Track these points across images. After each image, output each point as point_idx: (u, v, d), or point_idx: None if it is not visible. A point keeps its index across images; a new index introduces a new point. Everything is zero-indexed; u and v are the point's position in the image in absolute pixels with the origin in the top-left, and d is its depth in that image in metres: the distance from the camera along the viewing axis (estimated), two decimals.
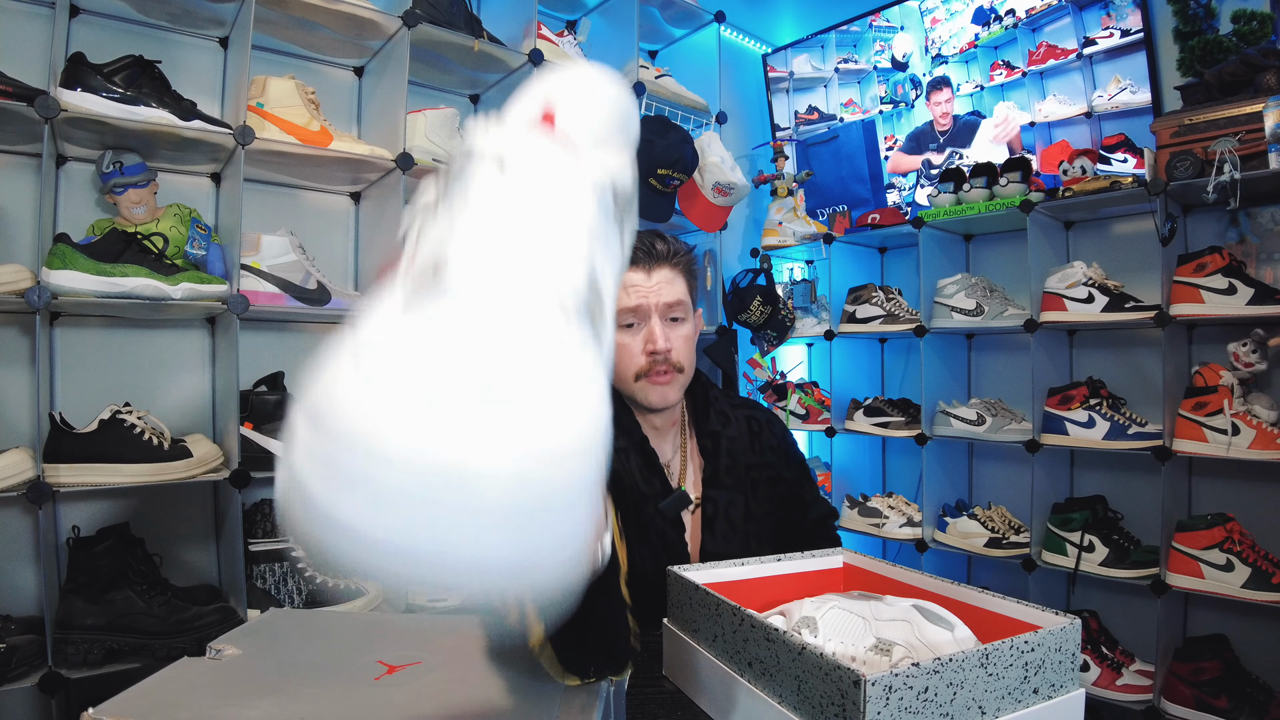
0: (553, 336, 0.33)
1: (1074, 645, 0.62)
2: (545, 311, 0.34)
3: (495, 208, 0.37)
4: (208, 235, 1.61)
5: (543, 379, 0.30)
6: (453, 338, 0.31)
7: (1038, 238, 2.08)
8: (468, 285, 0.34)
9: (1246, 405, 1.74)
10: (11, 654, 1.31)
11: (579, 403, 0.31)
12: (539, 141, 0.40)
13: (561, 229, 0.38)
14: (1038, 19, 2.28)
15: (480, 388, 0.29)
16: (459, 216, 0.37)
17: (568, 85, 0.43)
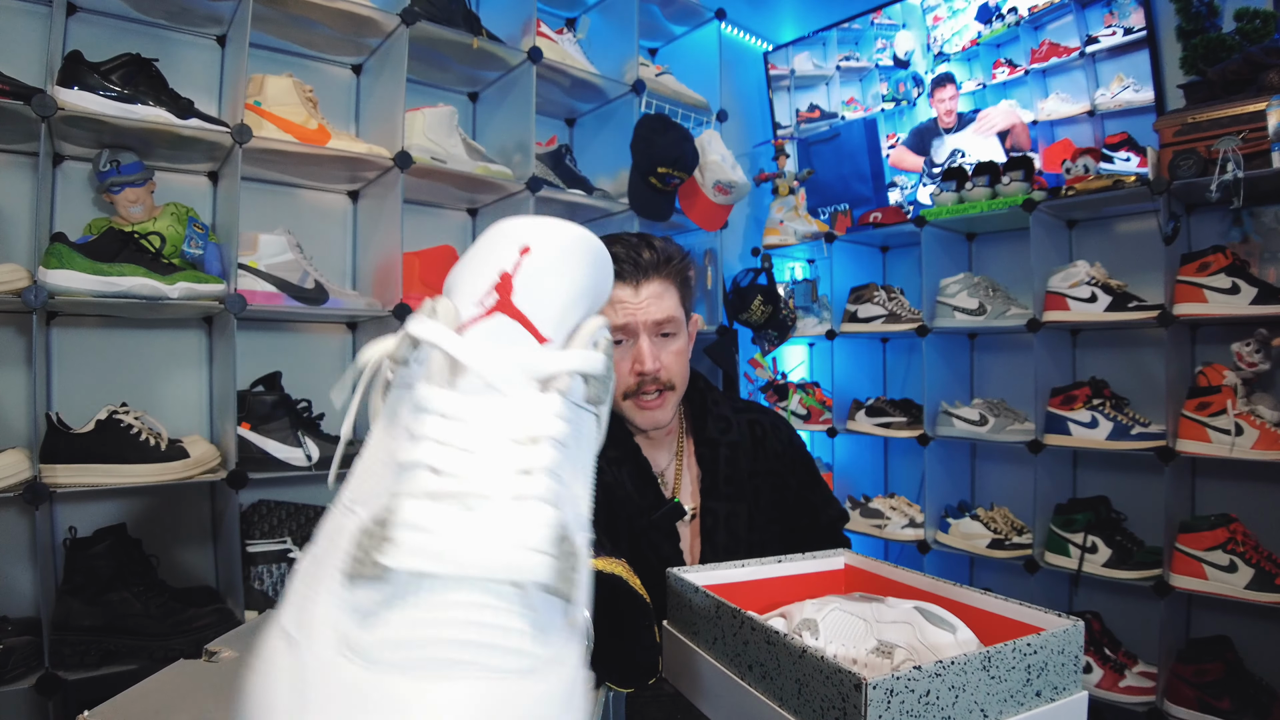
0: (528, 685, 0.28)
1: (1077, 647, 0.61)
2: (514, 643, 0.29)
3: (452, 444, 0.32)
4: (205, 234, 1.60)
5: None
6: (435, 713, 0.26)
7: (1040, 237, 2.07)
8: (421, 586, 0.28)
9: (1250, 405, 1.73)
10: (8, 655, 1.31)
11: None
12: (495, 326, 0.34)
13: (528, 471, 0.32)
14: (1040, 17, 2.27)
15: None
16: (407, 451, 0.32)
17: (529, 243, 0.36)
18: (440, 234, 2.13)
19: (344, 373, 1.61)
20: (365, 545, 0.29)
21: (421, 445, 0.32)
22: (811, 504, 1.23)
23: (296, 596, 0.31)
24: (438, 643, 0.27)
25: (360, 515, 0.32)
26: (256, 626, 0.81)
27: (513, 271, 0.35)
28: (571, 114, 2.45)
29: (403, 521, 0.29)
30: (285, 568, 1.60)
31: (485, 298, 0.35)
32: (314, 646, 0.27)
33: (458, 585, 0.28)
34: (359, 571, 0.28)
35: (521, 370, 0.33)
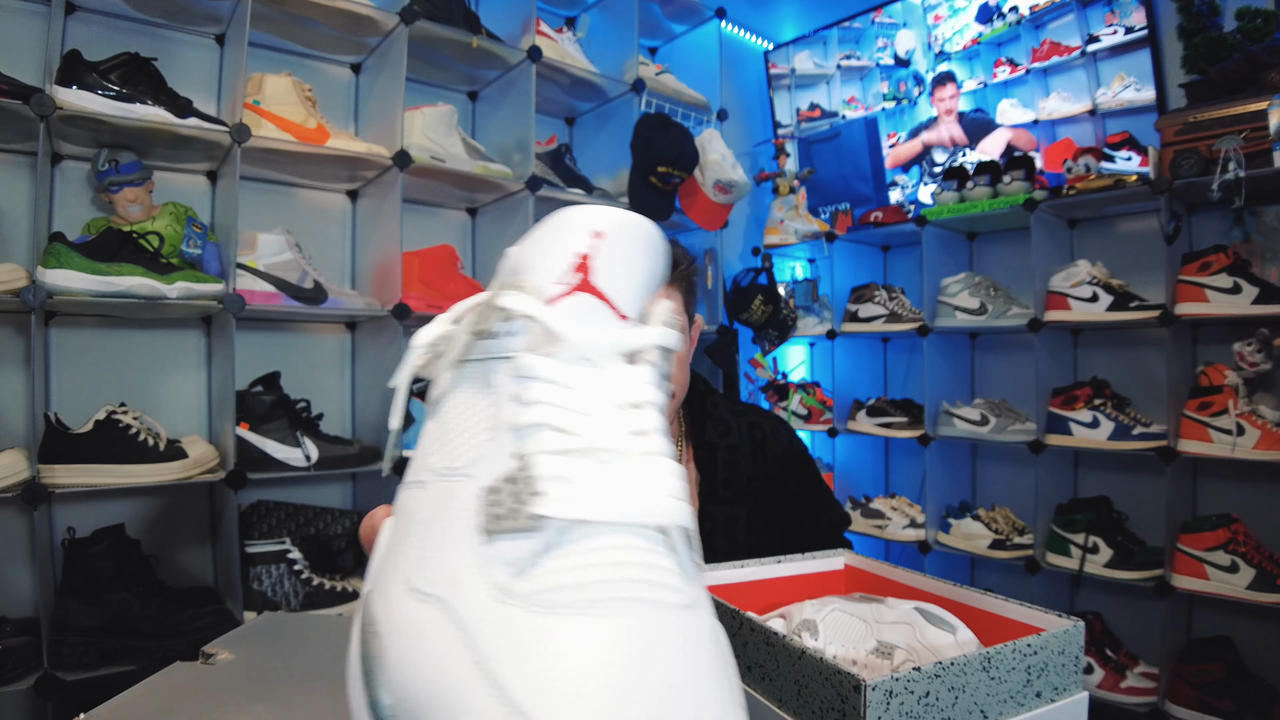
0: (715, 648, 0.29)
1: (1078, 648, 0.60)
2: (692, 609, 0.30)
3: (567, 407, 0.33)
4: (204, 234, 1.60)
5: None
6: (615, 642, 0.26)
7: (1041, 236, 2.06)
8: (574, 532, 0.29)
9: (1251, 405, 1.73)
10: (7, 656, 1.30)
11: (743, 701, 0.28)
12: (580, 304, 0.36)
13: (644, 432, 0.34)
14: (1041, 16, 2.27)
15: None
16: (522, 414, 0.33)
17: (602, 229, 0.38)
18: (439, 233, 2.13)
19: (356, 368, 1.57)
20: (503, 501, 0.30)
21: (536, 409, 0.33)
22: (813, 507, 1.21)
23: (412, 563, 0.31)
24: (600, 583, 0.28)
25: (478, 478, 0.32)
26: (253, 629, 0.81)
27: (590, 254, 0.37)
28: (571, 113, 2.44)
29: (546, 475, 0.30)
30: (284, 568, 1.60)
31: (566, 277, 0.36)
32: (470, 600, 0.28)
33: (609, 530, 0.30)
34: (501, 526, 0.29)
35: (612, 344, 0.35)
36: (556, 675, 0.25)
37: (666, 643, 0.27)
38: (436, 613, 0.28)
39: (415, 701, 0.26)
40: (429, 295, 1.81)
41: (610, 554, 0.29)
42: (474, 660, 0.26)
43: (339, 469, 1.67)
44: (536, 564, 0.29)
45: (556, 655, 0.26)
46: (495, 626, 0.27)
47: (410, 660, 0.27)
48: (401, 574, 0.31)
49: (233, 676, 0.67)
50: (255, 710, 0.60)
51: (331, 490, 1.90)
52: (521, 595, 0.28)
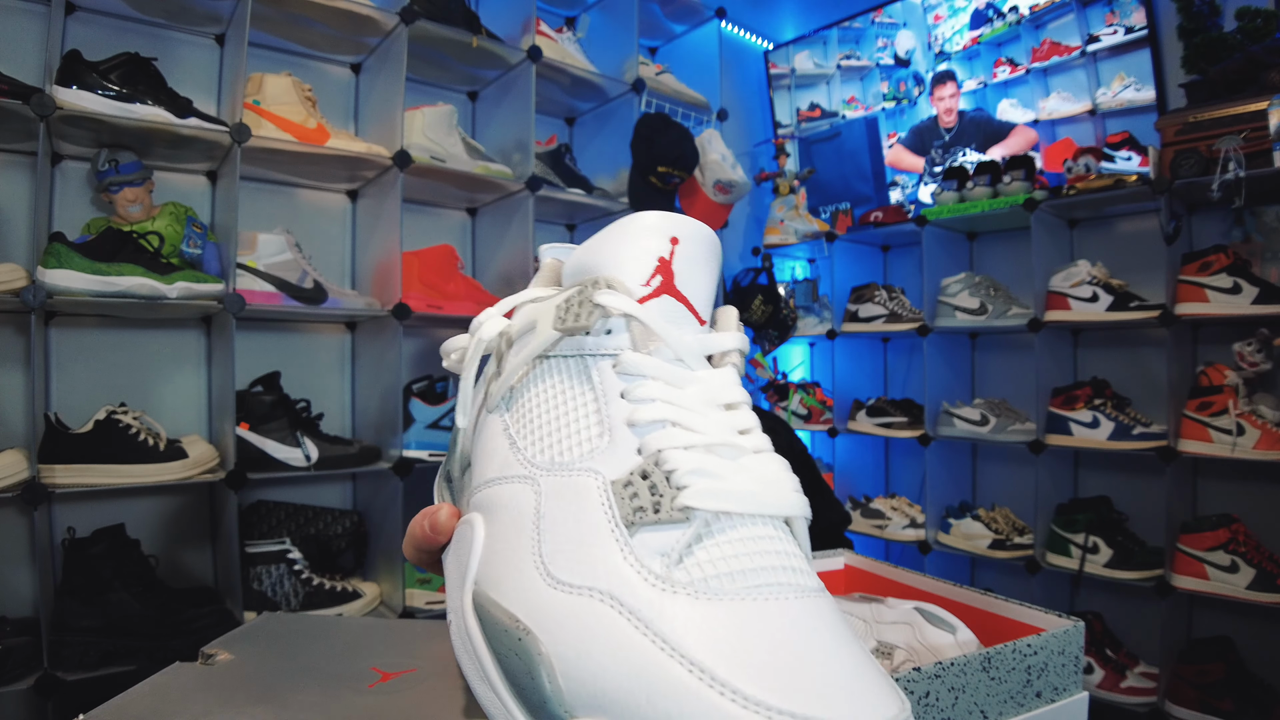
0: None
1: (1078, 648, 0.60)
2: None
3: (678, 404, 0.34)
4: (203, 234, 1.60)
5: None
6: (787, 623, 0.28)
7: (1042, 236, 2.06)
8: (718, 523, 0.31)
9: (1252, 405, 1.73)
10: (7, 656, 1.30)
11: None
12: (666, 307, 0.37)
13: (748, 430, 0.35)
14: (1041, 15, 2.27)
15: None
16: (638, 411, 0.34)
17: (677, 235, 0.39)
18: (439, 233, 2.13)
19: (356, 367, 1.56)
20: (641, 495, 0.31)
21: (654, 406, 0.34)
22: (813, 508, 1.21)
23: (538, 557, 0.31)
24: (750, 571, 0.29)
25: (602, 473, 0.33)
26: (253, 629, 0.80)
27: (669, 259, 0.38)
28: (571, 113, 2.44)
29: (686, 469, 0.31)
30: (284, 568, 1.60)
31: (650, 279, 0.37)
32: (635, 589, 0.29)
33: (750, 522, 0.31)
34: (645, 519, 0.30)
35: (701, 346, 0.37)
36: (749, 654, 0.26)
37: (820, 622, 0.28)
38: (600, 604, 0.28)
39: (608, 695, 0.26)
40: (429, 295, 1.81)
41: (752, 544, 0.30)
42: (663, 647, 0.26)
43: (339, 469, 1.67)
44: (690, 554, 0.30)
45: (741, 637, 0.27)
46: (670, 613, 0.27)
47: (591, 653, 0.27)
48: (531, 569, 0.31)
49: (232, 677, 0.67)
50: (255, 711, 0.60)
51: (331, 490, 1.90)
52: (684, 584, 0.28)
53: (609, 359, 0.36)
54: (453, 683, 0.66)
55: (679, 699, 0.25)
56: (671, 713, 0.24)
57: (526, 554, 0.32)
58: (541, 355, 0.38)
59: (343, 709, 0.60)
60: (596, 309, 0.36)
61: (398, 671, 0.67)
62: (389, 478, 1.73)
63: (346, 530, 1.76)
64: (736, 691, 0.24)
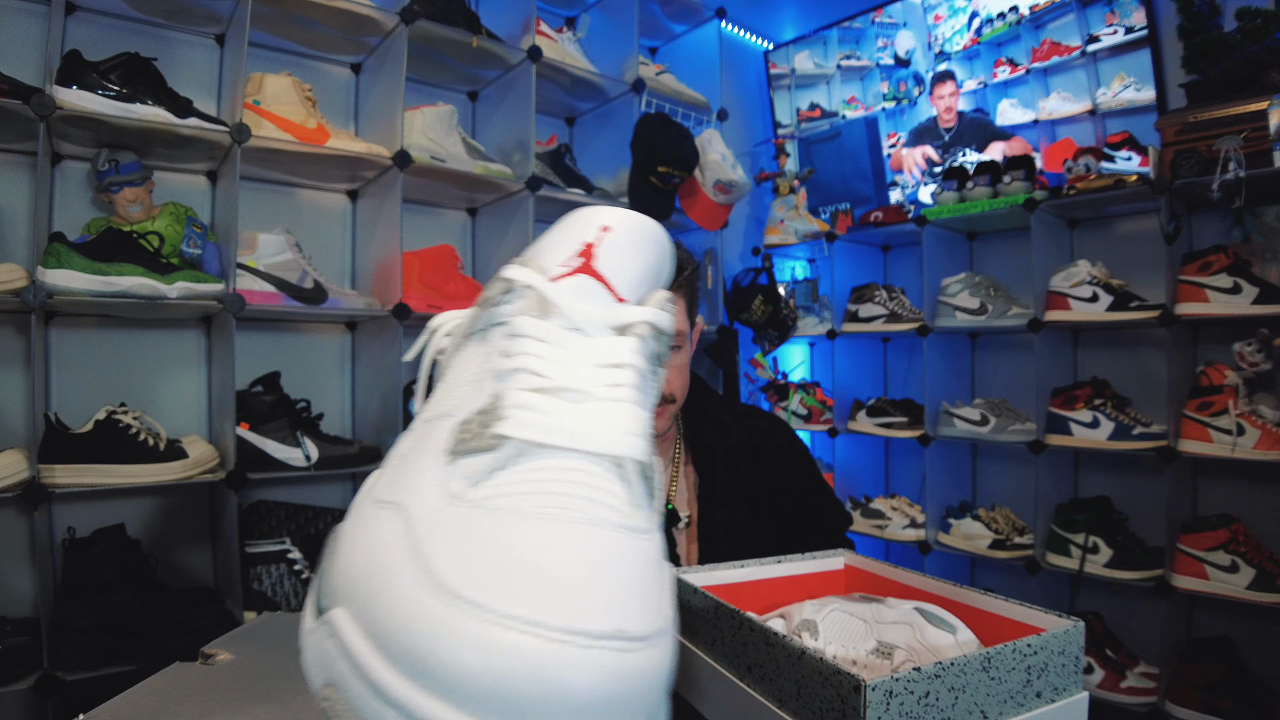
0: (644, 544, 0.31)
1: (1078, 648, 0.60)
2: (628, 510, 0.31)
3: (548, 358, 0.36)
4: (204, 234, 1.60)
5: (646, 600, 0.28)
6: (545, 543, 0.28)
7: (1042, 236, 2.06)
8: (532, 453, 0.32)
9: (1252, 405, 1.72)
10: (7, 656, 1.30)
11: (667, 625, 0.29)
12: (580, 283, 0.39)
13: (617, 384, 0.36)
14: (1041, 15, 2.27)
15: (584, 611, 0.25)
16: (505, 362, 0.36)
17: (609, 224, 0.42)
18: (440, 233, 2.13)
19: (356, 367, 1.58)
20: (473, 427, 0.33)
21: (520, 358, 0.36)
22: (814, 509, 1.20)
23: (383, 483, 0.33)
24: (546, 495, 0.30)
25: (456, 415, 0.35)
26: (252, 629, 0.81)
27: (595, 243, 0.41)
28: (571, 113, 2.44)
29: (514, 403, 0.33)
30: (284, 568, 1.60)
31: (570, 260, 0.40)
32: (422, 503, 0.30)
33: (566, 455, 0.32)
34: (466, 447, 0.32)
35: (604, 316, 0.38)
36: (479, 558, 0.26)
37: (593, 551, 0.28)
38: (390, 514, 0.30)
39: (350, 583, 0.28)
40: (429, 295, 1.81)
41: (562, 474, 0.31)
42: (408, 545, 0.28)
43: (339, 469, 1.67)
44: (491, 477, 0.31)
45: (483, 542, 0.27)
46: (435, 520, 0.29)
47: (356, 551, 0.29)
48: (370, 493, 0.33)
49: (232, 677, 0.67)
50: (255, 711, 0.60)
51: (331, 490, 1.90)
52: (470, 500, 0.30)
53: (504, 325, 0.38)
54: None
55: (397, 590, 0.26)
56: (386, 604, 0.26)
57: (374, 482, 0.34)
58: (468, 333, 0.41)
59: None
60: (501, 282, 0.39)
61: None
62: None
63: None
64: (446, 587, 0.25)
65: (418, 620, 0.25)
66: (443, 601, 0.25)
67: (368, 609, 0.26)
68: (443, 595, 0.25)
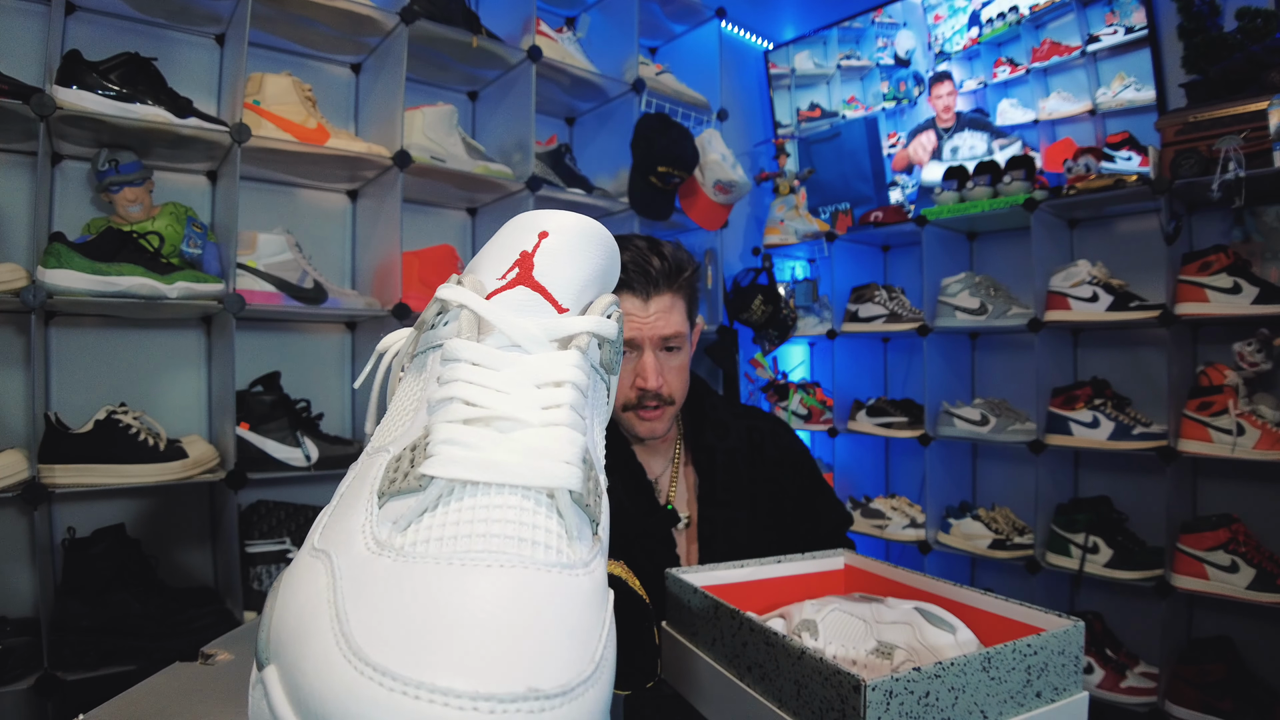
0: (581, 597, 0.29)
1: (1078, 648, 0.60)
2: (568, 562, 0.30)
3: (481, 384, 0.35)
4: (203, 234, 1.60)
5: (576, 657, 0.27)
6: (463, 596, 0.27)
7: (1042, 236, 2.06)
8: (459, 492, 0.31)
9: (1252, 405, 1.72)
10: (7, 656, 1.30)
11: (592, 668, 0.27)
12: (518, 297, 0.38)
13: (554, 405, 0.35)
14: (1041, 15, 2.27)
15: (516, 676, 0.25)
16: (438, 390, 0.35)
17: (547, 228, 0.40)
18: (440, 233, 2.13)
19: (356, 367, 1.58)
20: (401, 466, 0.32)
21: (453, 385, 0.35)
22: (815, 509, 1.20)
23: (322, 527, 0.33)
24: (474, 537, 0.29)
25: (391, 450, 0.34)
26: (252, 629, 0.80)
27: (532, 251, 0.39)
28: (571, 113, 2.44)
29: (441, 439, 0.32)
30: (284, 568, 1.60)
31: (508, 273, 0.39)
32: (348, 552, 0.30)
33: (494, 491, 0.31)
34: (393, 489, 0.31)
35: (543, 330, 0.37)
36: (394, 618, 0.26)
37: (514, 600, 0.27)
38: (320, 563, 0.30)
39: (280, 640, 0.28)
40: (429, 295, 1.80)
41: (491, 512, 0.30)
42: (330, 601, 0.27)
43: (339, 469, 1.67)
44: (419, 520, 0.30)
45: (400, 597, 0.27)
46: (357, 572, 0.28)
47: (290, 603, 0.29)
48: (311, 538, 0.33)
49: (232, 677, 0.67)
50: None
51: (331, 490, 1.88)
52: (394, 548, 0.29)
53: (438, 348, 0.38)
54: None
55: (317, 651, 0.25)
56: (306, 666, 0.25)
57: (316, 526, 0.34)
58: (410, 355, 0.40)
59: None
60: (435, 303, 0.38)
61: None
62: None
63: None
64: (359, 651, 0.25)
65: (332, 686, 0.24)
66: (355, 667, 0.24)
67: (292, 669, 0.26)
68: (355, 660, 0.24)
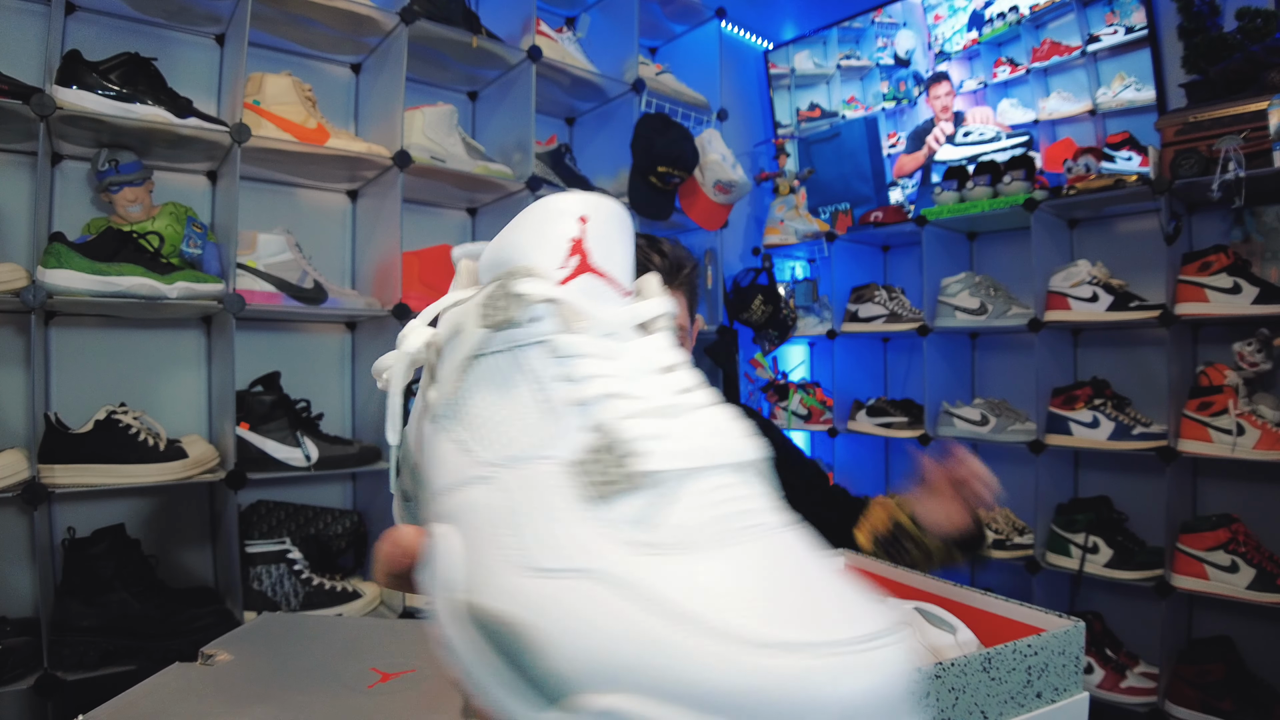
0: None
1: (1078, 648, 0.60)
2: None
3: (618, 376, 0.35)
4: (204, 234, 1.60)
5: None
6: (757, 564, 0.28)
7: (1042, 236, 2.06)
8: (680, 481, 0.31)
9: (1251, 405, 1.72)
10: (7, 656, 1.30)
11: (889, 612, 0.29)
12: (588, 285, 0.38)
13: (689, 388, 0.36)
14: (1041, 15, 2.27)
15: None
16: (577, 389, 0.35)
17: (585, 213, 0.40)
18: (440, 233, 2.12)
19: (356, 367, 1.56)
20: (601, 468, 0.32)
21: (594, 382, 0.34)
22: (817, 507, 1.21)
23: (511, 550, 0.31)
24: (719, 519, 0.30)
25: (554, 457, 0.33)
26: (252, 629, 0.80)
27: (582, 238, 0.39)
28: (571, 113, 2.44)
29: (636, 435, 0.32)
30: (284, 568, 1.60)
31: (567, 261, 0.38)
32: (613, 560, 0.29)
33: (707, 473, 0.32)
34: (608, 491, 0.31)
35: (630, 317, 0.38)
36: (737, 597, 0.26)
37: (794, 554, 0.29)
38: (583, 582, 0.28)
39: (615, 668, 0.26)
40: (429, 295, 1.81)
41: (714, 494, 0.31)
42: (649, 609, 0.26)
43: (339, 469, 1.67)
44: (657, 515, 0.30)
45: (725, 582, 0.27)
46: (651, 575, 0.28)
47: (580, 632, 0.27)
48: (508, 565, 0.31)
49: (232, 677, 0.67)
50: (255, 711, 0.60)
51: (331, 490, 1.90)
52: (657, 545, 0.29)
53: (540, 345, 0.36)
54: (451, 683, 0.66)
55: (682, 656, 0.25)
56: (678, 670, 0.25)
57: (504, 551, 0.31)
58: (475, 355, 0.38)
59: (342, 709, 0.60)
60: (517, 299, 0.37)
61: (397, 672, 0.67)
62: (389, 478, 1.73)
63: (346, 530, 1.76)
64: (732, 634, 0.25)
65: (721, 671, 0.24)
66: (758, 653, 0.24)
67: (660, 681, 0.25)
68: (754, 646, 0.25)
